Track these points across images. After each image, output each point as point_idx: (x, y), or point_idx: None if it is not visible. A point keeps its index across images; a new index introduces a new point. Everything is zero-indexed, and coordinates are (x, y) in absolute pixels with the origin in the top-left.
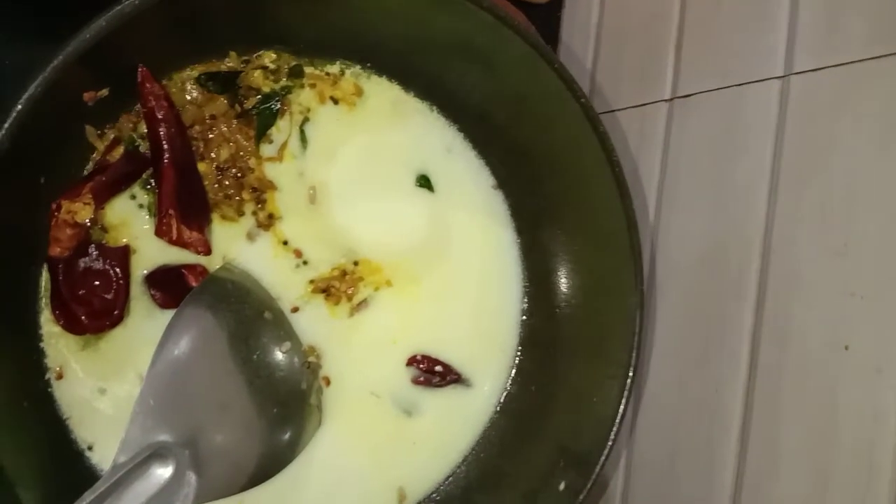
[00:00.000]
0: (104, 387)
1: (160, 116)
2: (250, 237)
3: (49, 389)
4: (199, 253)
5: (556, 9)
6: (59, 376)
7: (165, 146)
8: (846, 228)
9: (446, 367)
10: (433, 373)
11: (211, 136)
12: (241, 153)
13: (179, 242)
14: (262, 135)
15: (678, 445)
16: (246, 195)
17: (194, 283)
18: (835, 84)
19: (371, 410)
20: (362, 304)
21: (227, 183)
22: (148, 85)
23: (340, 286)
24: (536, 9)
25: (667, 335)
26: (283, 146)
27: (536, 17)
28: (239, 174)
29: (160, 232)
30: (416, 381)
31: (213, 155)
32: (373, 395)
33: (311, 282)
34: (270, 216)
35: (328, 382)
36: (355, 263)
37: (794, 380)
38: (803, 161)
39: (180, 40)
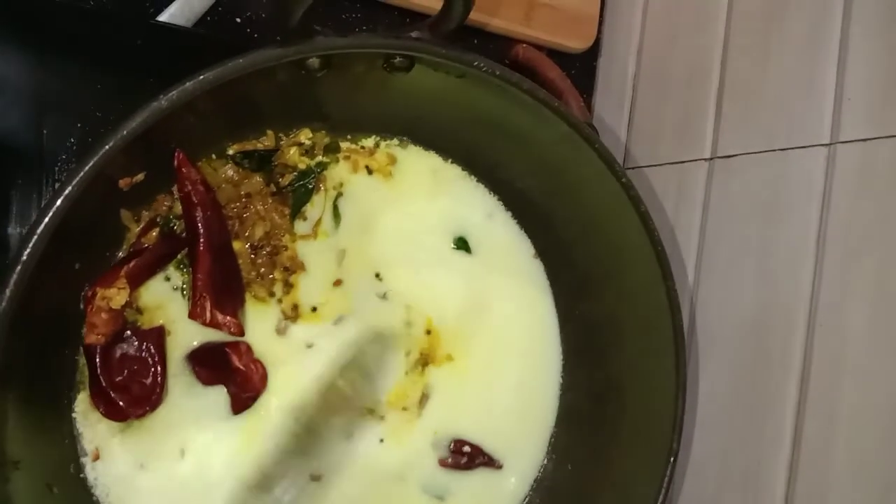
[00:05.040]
0: (144, 462)
1: (196, 200)
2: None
3: (81, 475)
4: (232, 334)
5: (591, 58)
6: (96, 457)
7: (201, 230)
8: None
9: (475, 448)
10: (461, 454)
11: (246, 214)
12: (276, 231)
13: (213, 325)
14: (297, 212)
15: None
16: (277, 274)
17: (237, 361)
18: (889, 156)
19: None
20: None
21: (259, 261)
22: (184, 170)
23: None
24: (572, 58)
25: (709, 404)
26: (318, 223)
27: (572, 65)
28: (273, 252)
29: (194, 314)
30: (442, 463)
31: (247, 234)
32: (398, 479)
33: None
34: (295, 307)
35: None
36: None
37: (845, 461)
38: (854, 234)
39: (218, 123)
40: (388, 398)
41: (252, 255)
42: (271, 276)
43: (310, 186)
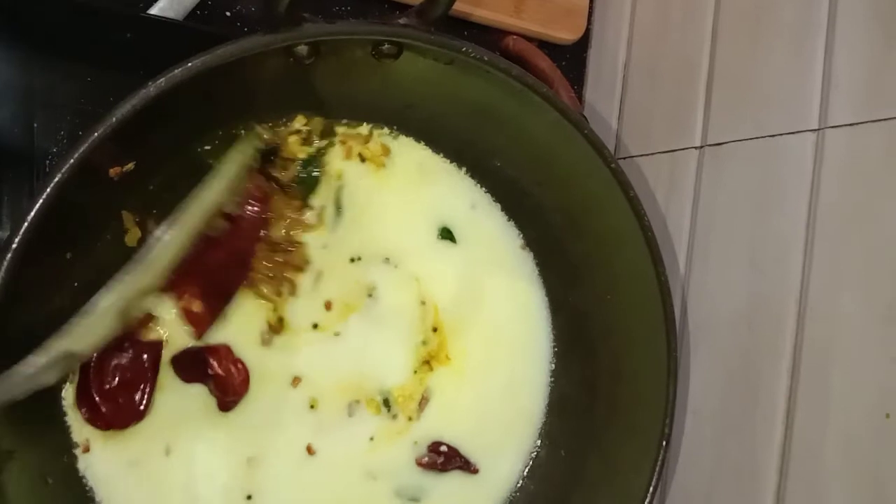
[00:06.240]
0: (132, 459)
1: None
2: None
3: (76, 465)
4: (194, 332)
5: (582, 48)
6: (86, 450)
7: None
8: (892, 292)
9: (452, 449)
10: (437, 453)
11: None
12: (295, 227)
13: (185, 309)
14: (306, 201)
15: None
16: (289, 273)
17: (217, 367)
18: (878, 140)
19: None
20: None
21: (276, 258)
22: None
23: None
24: (562, 49)
25: (701, 393)
26: (321, 212)
27: (562, 57)
28: (290, 248)
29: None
30: (418, 462)
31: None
32: (372, 478)
33: None
34: (280, 320)
35: None
36: None
37: (836, 449)
38: (843, 219)
39: (206, 112)
40: (395, 398)
41: (270, 253)
42: (284, 274)
43: (315, 174)
